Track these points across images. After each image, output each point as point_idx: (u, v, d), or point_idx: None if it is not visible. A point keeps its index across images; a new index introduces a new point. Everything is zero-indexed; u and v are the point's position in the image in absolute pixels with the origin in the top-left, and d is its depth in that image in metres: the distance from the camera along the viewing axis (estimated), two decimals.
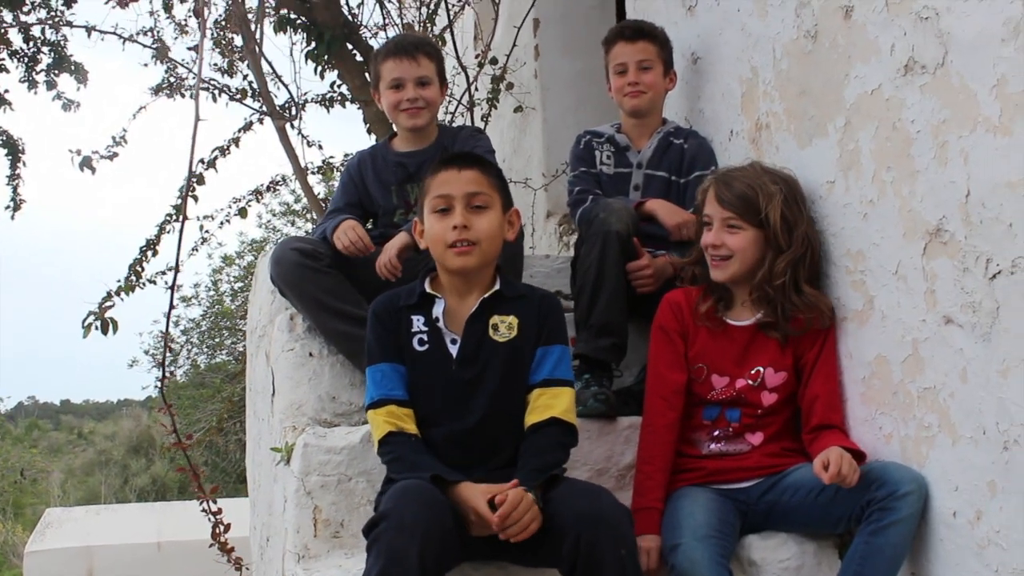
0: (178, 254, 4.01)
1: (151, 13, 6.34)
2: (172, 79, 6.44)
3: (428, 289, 2.74)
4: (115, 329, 4.59)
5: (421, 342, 2.71)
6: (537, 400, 2.67)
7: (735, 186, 2.90)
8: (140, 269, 5.91)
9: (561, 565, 2.40)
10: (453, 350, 2.70)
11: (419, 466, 2.52)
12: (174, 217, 6.00)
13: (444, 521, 2.36)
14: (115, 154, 6.11)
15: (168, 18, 6.29)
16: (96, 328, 4.55)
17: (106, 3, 5.73)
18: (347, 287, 3.30)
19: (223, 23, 6.08)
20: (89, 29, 6.01)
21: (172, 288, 4.06)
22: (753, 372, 2.92)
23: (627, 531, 2.41)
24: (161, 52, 6.30)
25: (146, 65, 6.50)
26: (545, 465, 2.55)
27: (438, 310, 2.72)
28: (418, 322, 2.73)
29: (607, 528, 2.36)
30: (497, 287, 2.74)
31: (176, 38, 6.43)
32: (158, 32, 6.33)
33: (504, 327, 2.71)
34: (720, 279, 2.93)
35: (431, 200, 2.70)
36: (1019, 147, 2.17)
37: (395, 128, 3.70)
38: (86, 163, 5.91)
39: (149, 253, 5.98)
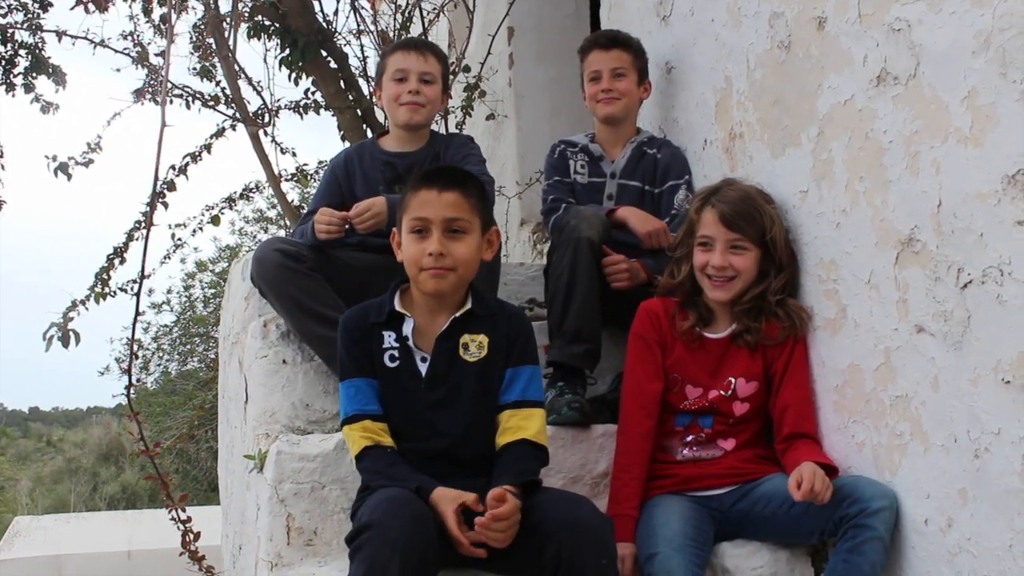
0: (143, 262, 3.98)
1: (131, 17, 6.29)
2: (152, 83, 6.39)
3: (398, 307, 2.73)
4: (77, 341, 4.53)
5: (392, 358, 2.70)
6: (508, 421, 2.67)
7: (738, 208, 2.92)
8: (107, 277, 5.86)
9: (542, 573, 2.40)
10: (422, 368, 2.70)
11: (397, 477, 2.52)
12: (143, 224, 5.95)
13: (427, 534, 2.36)
14: (91, 160, 6.06)
15: (147, 22, 6.24)
16: (57, 340, 4.50)
17: (74, 8, 5.68)
18: (328, 291, 3.28)
19: (200, 27, 6.05)
20: (60, 33, 5.96)
21: (137, 296, 4.04)
22: (725, 383, 2.93)
23: (609, 540, 2.43)
24: (141, 56, 6.25)
25: (118, 70, 6.46)
26: (522, 471, 2.55)
27: (407, 329, 2.71)
28: (389, 338, 2.71)
29: (589, 536, 2.37)
30: (468, 306, 2.73)
31: (149, 43, 6.38)
32: (137, 36, 6.28)
33: (474, 346, 2.71)
34: (723, 299, 2.94)
35: (409, 220, 2.66)
36: (989, 158, 2.19)
37: (388, 124, 3.68)
38: (62, 168, 5.87)
39: (116, 261, 5.93)
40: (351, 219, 3.32)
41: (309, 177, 6.53)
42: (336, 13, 5.78)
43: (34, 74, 6.14)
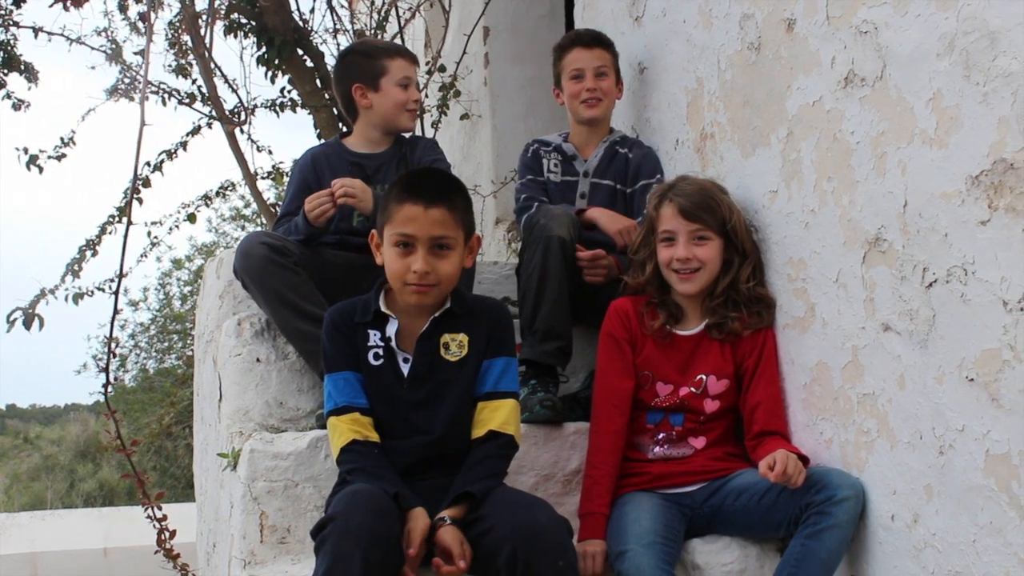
0: (122, 258, 3.99)
1: (105, 14, 6.28)
2: (126, 80, 6.38)
3: (383, 308, 2.74)
4: (41, 325, 4.51)
5: (376, 356, 2.71)
6: (480, 414, 2.70)
7: (696, 200, 2.95)
8: (78, 268, 5.84)
9: None
10: (404, 369, 2.71)
11: (380, 478, 2.52)
12: (117, 219, 5.94)
13: (391, 528, 2.38)
14: (63, 155, 6.04)
15: (124, 19, 6.22)
16: (21, 323, 4.48)
17: (51, 6, 5.65)
18: (311, 287, 3.28)
19: (176, 24, 6.04)
20: (36, 29, 5.94)
21: (116, 294, 4.04)
22: (696, 380, 2.95)
23: (565, 542, 2.43)
24: (115, 53, 6.23)
25: (93, 68, 6.44)
26: (476, 479, 2.57)
27: (391, 330, 2.72)
28: (374, 336, 2.72)
29: (544, 541, 2.37)
30: (448, 305, 2.73)
31: (125, 40, 6.37)
32: (112, 33, 6.27)
33: (455, 345, 2.72)
34: (691, 291, 2.97)
35: (393, 233, 2.63)
36: (954, 159, 2.22)
37: (366, 127, 3.67)
38: (32, 161, 5.85)
39: (88, 253, 5.91)
40: (334, 190, 3.32)
41: (285, 175, 6.53)
42: (312, 12, 5.82)
43: (5, 71, 6.11)
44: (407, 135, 3.75)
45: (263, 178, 6.58)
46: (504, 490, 2.63)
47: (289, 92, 6.03)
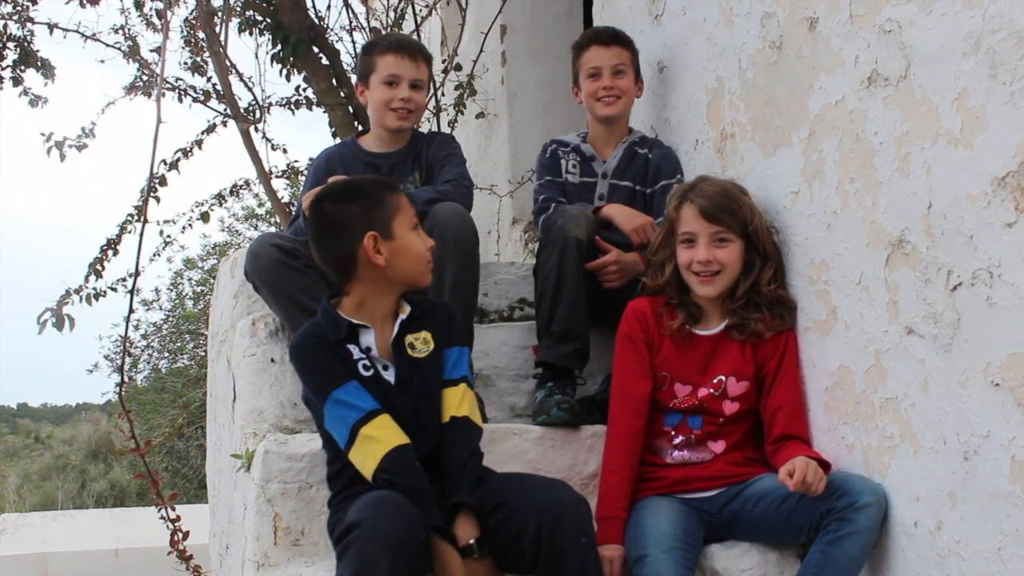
0: (138, 257, 3.96)
1: (122, 11, 6.27)
2: (146, 76, 6.36)
3: (355, 320, 2.71)
4: (72, 326, 4.49)
5: (366, 367, 2.69)
6: (443, 403, 2.74)
7: (717, 201, 2.91)
8: (100, 268, 5.85)
9: (523, 558, 2.45)
10: (388, 376, 2.71)
11: (424, 509, 2.47)
12: (135, 218, 5.95)
13: (417, 536, 2.38)
14: (85, 145, 6.04)
15: (140, 16, 6.22)
16: (52, 324, 4.46)
17: (68, 2, 5.65)
18: (322, 288, 3.23)
19: (192, 21, 6.03)
20: (51, 26, 5.95)
21: (132, 292, 4.01)
22: (715, 381, 2.92)
23: (587, 520, 2.50)
24: (132, 51, 6.22)
25: (103, 62, 6.43)
26: (461, 482, 2.58)
27: (369, 339, 2.71)
28: (356, 351, 2.70)
29: (567, 517, 2.44)
30: (409, 308, 2.76)
31: (137, 35, 6.36)
32: (129, 29, 6.26)
33: (420, 343, 2.74)
34: (711, 294, 2.93)
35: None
36: (979, 160, 2.19)
37: (372, 125, 3.65)
38: (57, 146, 5.85)
39: (110, 252, 5.92)
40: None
41: (299, 174, 6.52)
42: (328, 9, 5.79)
43: (22, 67, 6.12)
44: (424, 132, 3.72)
45: (278, 177, 6.56)
46: (524, 475, 2.71)
47: (304, 90, 6.01)
